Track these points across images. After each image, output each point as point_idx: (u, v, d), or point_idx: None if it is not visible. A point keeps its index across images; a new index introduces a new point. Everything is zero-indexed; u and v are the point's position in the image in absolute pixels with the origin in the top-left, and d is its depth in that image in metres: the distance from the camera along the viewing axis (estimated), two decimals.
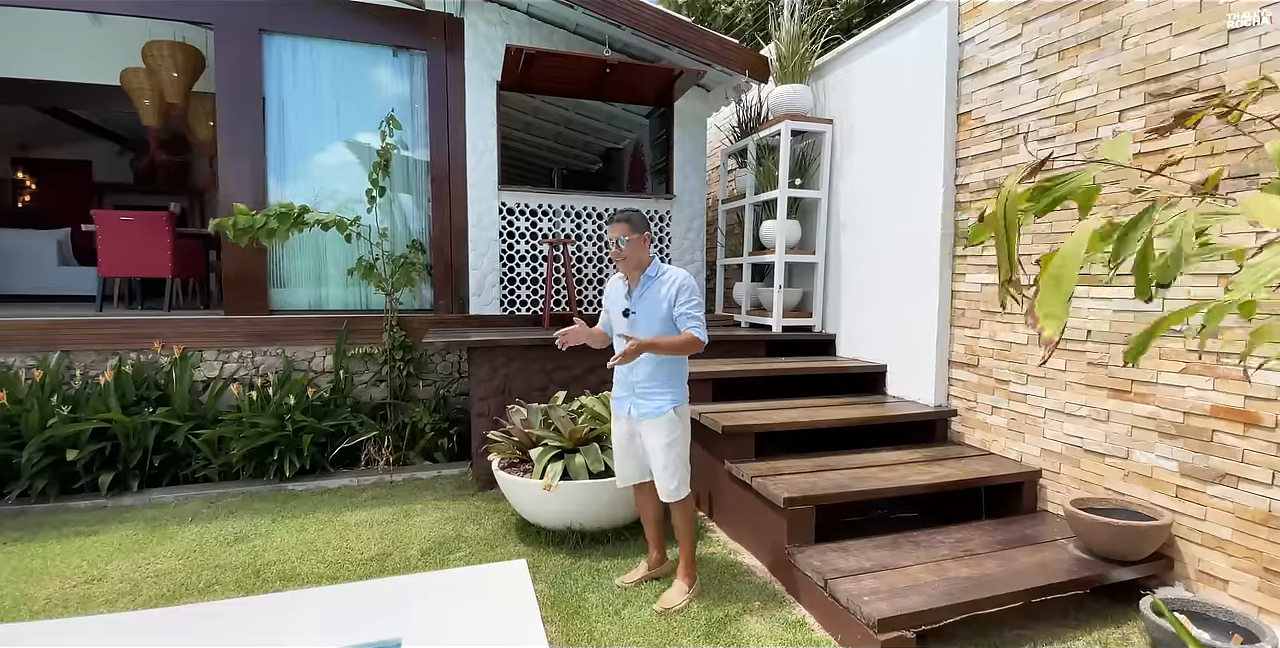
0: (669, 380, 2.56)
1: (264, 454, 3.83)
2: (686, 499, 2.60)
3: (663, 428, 2.54)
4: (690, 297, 2.50)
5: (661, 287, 2.53)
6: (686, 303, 2.49)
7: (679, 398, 2.58)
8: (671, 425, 2.54)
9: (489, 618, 2.32)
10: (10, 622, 2.34)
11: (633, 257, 2.56)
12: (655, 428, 2.54)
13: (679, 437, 2.56)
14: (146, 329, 4.13)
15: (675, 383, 2.58)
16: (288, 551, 2.92)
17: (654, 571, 2.76)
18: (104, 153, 9.93)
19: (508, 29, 4.72)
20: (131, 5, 4.26)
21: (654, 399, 2.54)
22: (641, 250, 2.57)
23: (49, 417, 3.59)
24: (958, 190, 3.62)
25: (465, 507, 3.53)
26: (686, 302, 2.49)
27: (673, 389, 2.56)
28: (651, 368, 2.54)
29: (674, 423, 2.55)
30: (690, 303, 2.50)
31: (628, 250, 2.55)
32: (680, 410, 2.57)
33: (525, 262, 4.88)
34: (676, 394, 2.57)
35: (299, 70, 4.60)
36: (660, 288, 2.53)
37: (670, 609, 2.46)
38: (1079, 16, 2.94)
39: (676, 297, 2.50)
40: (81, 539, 3.07)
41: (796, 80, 4.61)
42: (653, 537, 2.79)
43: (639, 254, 2.57)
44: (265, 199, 4.50)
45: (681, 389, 2.60)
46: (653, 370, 2.54)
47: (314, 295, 4.69)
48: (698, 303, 2.51)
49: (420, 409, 4.39)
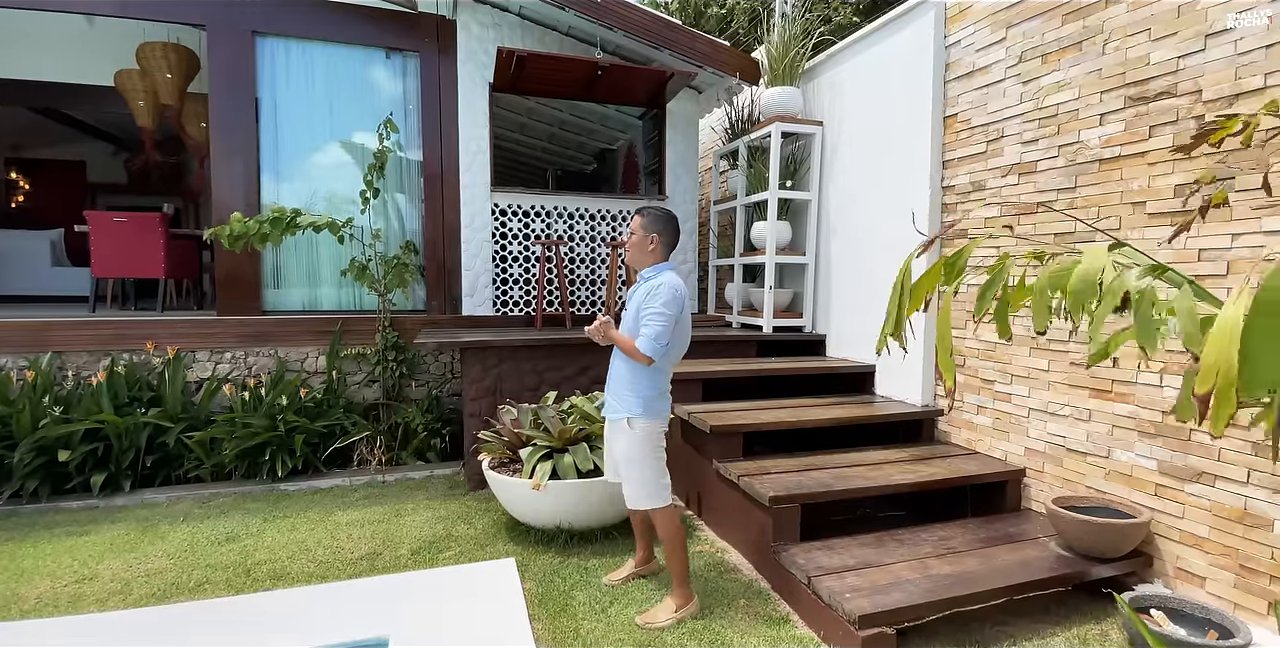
0: (629, 389, 2.46)
1: (256, 455, 3.85)
2: (663, 513, 2.47)
3: (620, 435, 2.50)
4: (655, 304, 2.38)
5: (643, 290, 2.48)
6: (649, 310, 2.39)
7: (637, 411, 2.44)
8: (627, 437, 2.46)
9: (476, 616, 2.35)
10: (1, 621, 2.35)
11: (632, 251, 2.53)
12: (615, 432, 2.53)
13: (636, 452, 2.45)
14: (139, 330, 4.15)
15: (633, 395, 2.45)
16: (278, 550, 2.95)
17: (640, 569, 2.77)
18: (98, 153, 9.91)
19: (500, 31, 4.74)
20: (125, 7, 4.27)
21: (615, 402, 2.52)
22: (643, 250, 2.52)
23: (41, 418, 3.61)
24: (944, 192, 3.66)
25: (457, 506, 3.55)
26: (649, 309, 2.39)
27: (628, 401, 2.46)
28: (618, 370, 2.53)
29: (629, 434, 2.45)
30: (652, 311, 2.38)
31: (629, 243, 2.53)
32: (636, 423, 2.44)
33: (518, 263, 4.91)
34: (634, 407, 2.44)
35: (292, 71, 4.61)
36: (643, 291, 2.48)
37: (650, 625, 2.36)
38: (1061, 21, 2.98)
39: (645, 302, 2.42)
40: (73, 539, 3.08)
41: (787, 82, 4.65)
42: (638, 536, 2.78)
43: (639, 252, 2.52)
44: (259, 200, 4.52)
45: (641, 403, 2.44)
46: (619, 373, 2.52)
47: (307, 296, 4.71)
48: (659, 313, 2.37)
49: (413, 409, 4.41)
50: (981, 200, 3.42)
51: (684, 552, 2.49)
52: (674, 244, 2.60)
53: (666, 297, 2.39)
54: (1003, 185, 3.30)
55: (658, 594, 2.59)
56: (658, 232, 2.52)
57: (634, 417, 2.45)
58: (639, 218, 2.55)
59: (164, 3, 4.31)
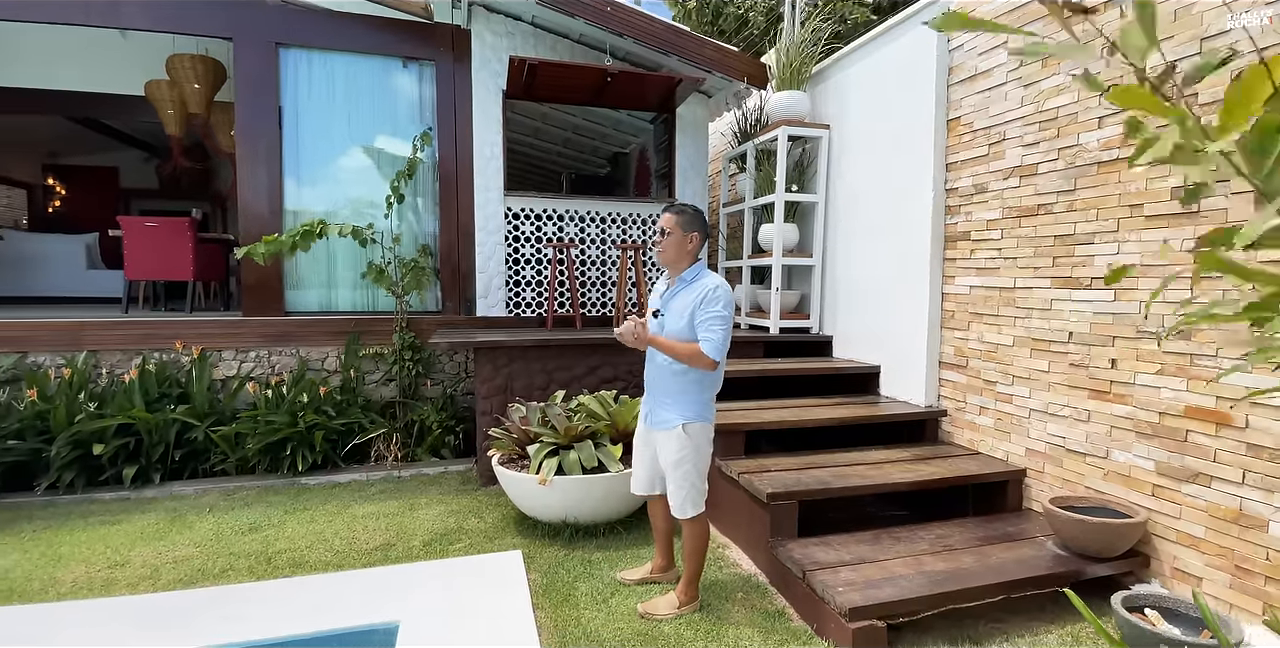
0: (680, 395, 2.44)
1: (278, 450, 4.01)
2: (697, 519, 2.48)
3: (672, 443, 2.44)
4: (715, 308, 2.32)
5: (691, 293, 2.40)
6: (710, 314, 2.32)
7: (691, 415, 2.42)
8: (680, 442, 2.42)
9: (483, 604, 2.45)
10: (39, 603, 2.51)
11: (669, 251, 2.45)
12: (666, 441, 2.47)
13: (688, 455, 2.43)
14: (169, 330, 4.34)
15: (687, 400, 2.43)
16: (298, 540, 3.09)
17: (655, 576, 2.75)
18: (131, 160, 10.27)
19: (513, 40, 4.87)
20: (158, 20, 4.48)
21: (665, 411, 2.46)
22: (681, 250, 2.45)
23: (76, 413, 3.80)
24: (947, 195, 3.69)
25: (468, 501, 3.67)
26: (710, 313, 2.32)
27: (683, 405, 2.43)
28: (666, 379, 2.46)
29: (682, 440, 2.42)
30: (714, 315, 2.32)
31: (665, 243, 2.45)
32: (690, 428, 2.42)
33: (530, 265, 5.03)
34: (688, 411, 2.43)
35: (314, 80, 4.79)
36: (689, 294, 2.39)
37: (650, 616, 2.43)
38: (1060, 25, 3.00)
39: (700, 305, 2.34)
40: (106, 528, 3.26)
41: (794, 87, 4.70)
42: (659, 546, 2.75)
43: (677, 252, 2.45)
44: (282, 204, 4.69)
45: (695, 408, 2.43)
46: (667, 382, 2.46)
47: (326, 298, 4.88)
48: (721, 317, 2.31)
49: (428, 408, 4.54)
50: (984, 202, 3.45)
51: (703, 558, 2.54)
52: (706, 241, 2.56)
53: (726, 300, 2.34)
54: (1005, 188, 3.32)
55: (660, 590, 2.67)
56: (696, 230, 2.47)
57: (689, 422, 2.42)
58: (674, 216, 2.46)
59: (194, 16, 4.51)
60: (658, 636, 2.32)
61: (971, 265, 3.54)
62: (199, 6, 4.53)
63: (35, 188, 10.10)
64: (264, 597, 2.48)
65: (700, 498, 2.49)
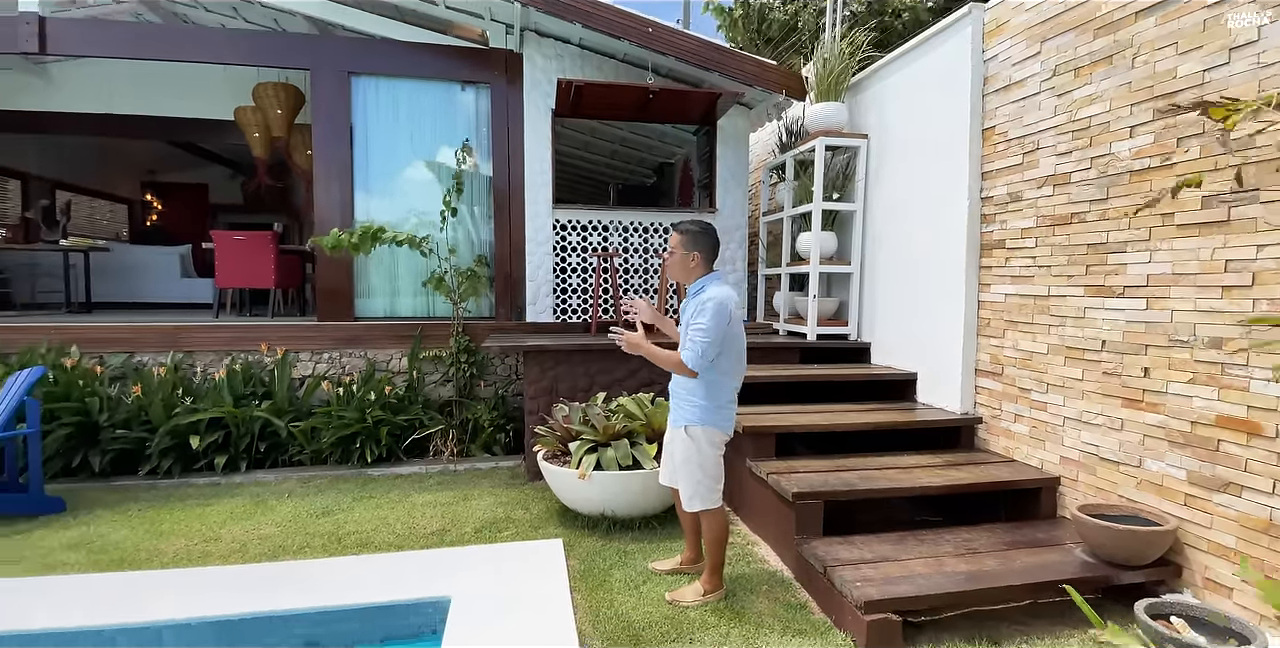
0: (687, 398, 2.60)
1: (348, 443, 4.40)
2: (712, 514, 2.63)
3: (678, 442, 2.63)
4: (701, 320, 2.46)
5: (692, 304, 2.57)
6: (695, 325, 2.48)
7: (693, 419, 2.57)
8: (684, 443, 2.60)
9: (526, 586, 2.68)
10: (146, 570, 2.91)
11: (674, 269, 2.67)
12: (674, 438, 2.67)
13: (692, 456, 2.59)
14: (254, 334, 4.82)
15: (691, 404, 2.58)
16: (364, 523, 3.42)
17: (685, 567, 2.92)
18: (218, 177, 11.22)
19: (562, 61, 5.16)
20: (248, 56, 5.01)
21: (675, 412, 2.67)
22: (684, 267, 2.64)
23: (174, 407, 4.29)
24: (983, 203, 3.73)
25: (516, 494, 3.94)
26: (695, 324, 2.48)
27: (687, 409, 2.59)
28: (677, 381, 2.65)
29: (685, 441, 2.59)
30: (697, 327, 2.46)
31: (670, 262, 2.67)
32: (693, 431, 2.58)
33: (576, 274, 5.29)
34: (690, 415, 2.58)
35: (381, 104, 5.21)
36: (692, 306, 2.56)
37: (677, 602, 2.61)
38: (1093, 35, 3.03)
39: (692, 316, 2.52)
40: (200, 508, 3.68)
41: (832, 98, 4.80)
42: (687, 538, 2.93)
43: (681, 270, 2.66)
44: (352, 215, 5.13)
45: (698, 412, 2.57)
46: (678, 384, 2.66)
47: (391, 305, 5.28)
48: (702, 328, 2.44)
49: (481, 407, 4.86)
50: (1018, 211, 3.48)
51: (723, 549, 2.70)
52: (714, 256, 2.70)
53: (712, 311, 2.45)
54: (1038, 197, 3.35)
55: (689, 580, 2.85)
56: (699, 250, 2.62)
57: (691, 425, 2.59)
58: (677, 236, 2.64)
59: (279, 50, 5.02)
60: (683, 620, 2.50)
61: (1007, 274, 3.57)
62: (283, 42, 5.03)
63: (135, 203, 11.16)
64: (335, 571, 2.79)
65: (709, 494, 2.63)
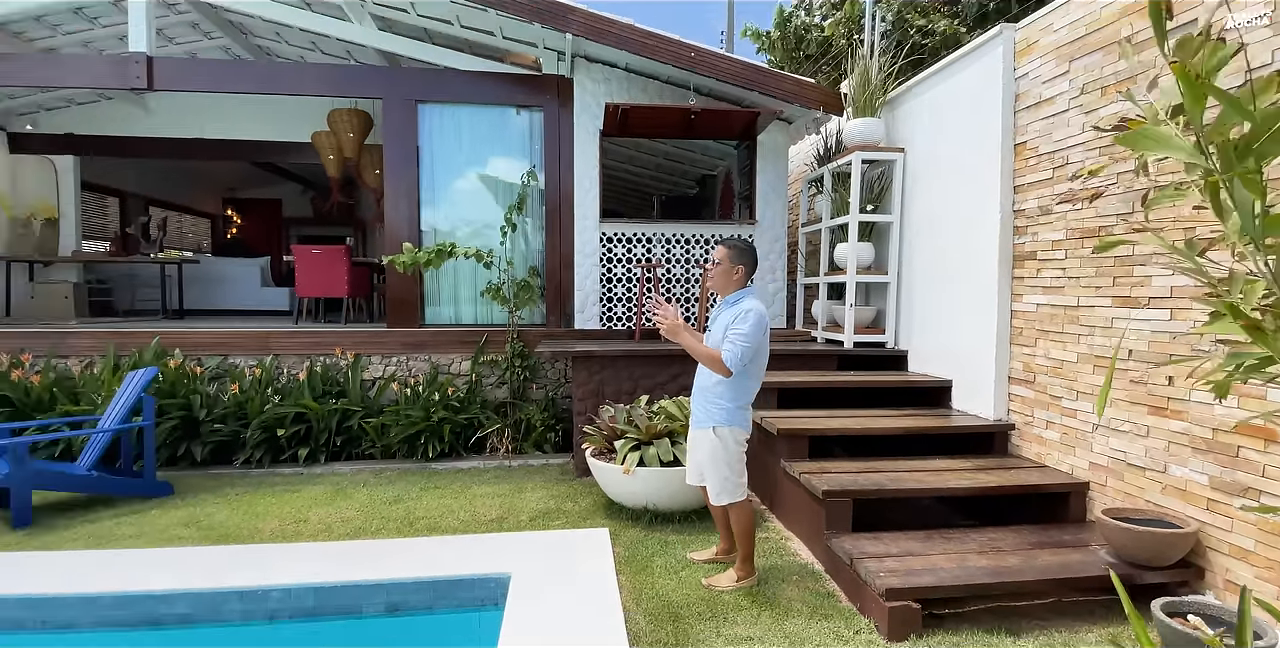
0: (713, 400, 2.84)
1: (415, 439, 4.82)
2: (738, 506, 2.87)
3: (704, 442, 2.88)
4: (744, 328, 2.69)
5: (731, 313, 2.79)
6: (737, 331, 2.71)
7: (720, 420, 2.82)
8: (710, 442, 2.84)
9: (576, 568, 2.98)
10: (248, 544, 3.34)
11: (719, 279, 2.88)
12: (700, 439, 2.92)
13: (719, 454, 2.83)
14: (330, 339, 5.31)
15: (718, 407, 2.82)
16: (431, 510, 3.79)
17: (720, 557, 3.17)
18: (291, 193, 12.08)
19: (609, 85, 5.50)
20: (332, 86, 5.56)
21: (701, 411, 2.92)
22: (728, 278, 2.87)
23: (265, 403, 4.79)
24: (1015, 216, 3.85)
25: (565, 489, 4.25)
26: (737, 330, 2.71)
27: (714, 411, 2.84)
28: (705, 388, 2.90)
29: (712, 440, 2.84)
30: (739, 333, 2.69)
31: (716, 272, 2.88)
32: (720, 431, 2.82)
33: (621, 283, 5.61)
34: (718, 416, 2.82)
35: (444, 128, 5.67)
36: (731, 314, 2.79)
37: (713, 587, 2.85)
38: (1118, 55, 3.15)
39: (733, 322, 2.75)
40: (289, 494, 4.13)
41: (868, 114, 4.97)
42: (720, 529, 3.16)
43: (725, 280, 2.87)
44: (419, 228, 5.58)
45: (724, 414, 2.81)
46: (704, 387, 2.91)
47: (452, 312, 5.71)
48: (744, 334, 2.68)
49: (534, 408, 5.21)
50: (1049, 224, 3.60)
51: (753, 538, 2.95)
52: (754, 271, 2.97)
53: (754, 321, 2.71)
54: (1068, 210, 3.46)
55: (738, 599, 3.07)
56: (743, 264, 2.87)
57: (719, 426, 2.84)
58: (726, 250, 2.87)
59: (354, 82, 5.54)
60: (718, 602, 2.74)
61: (1038, 284, 3.68)
62: (358, 74, 5.55)
63: (217, 218, 12.13)
64: (411, 549, 3.15)
65: (735, 489, 2.88)
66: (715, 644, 2.41)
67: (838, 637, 2.48)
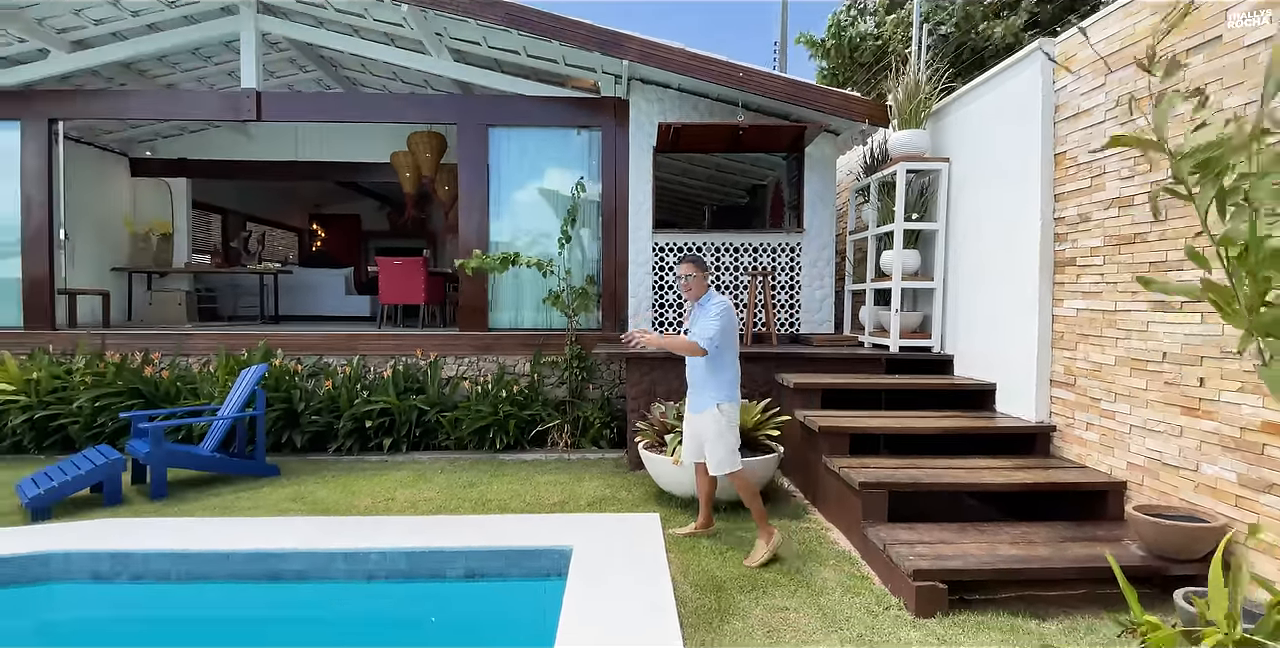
0: (709, 381, 3.34)
1: (484, 432, 5.29)
2: (739, 473, 3.35)
3: (708, 420, 3.33)
4: (707, 315, 3.28)
5: (702, 310, 3.37)
6: (704, 317, 3.30)
7: (722, 397, 3.32)
8: (715, 419, 3.31)
9: (630, 546, 3.31)
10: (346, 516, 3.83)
11: (696, 289, 3.44)
12: (703, 419, 3.36)
13: (724, 430, 3.31)
14: (410, 342, 5.87)
15: (715, 385, 3.33)
16: (501, 494, 4.22)
17: (699, 530, 3.58)
18: (368, 208, 13.03)
19: (662, 104, 5.88)
20: (411, 115, 6.17)
21: (700, 396, 3.39)
22: (701, 286, 3.44)
23: (354, 398, 5.37)
24: (1055, 223, 3.97)
25: (619, 480, 4.60)
26: (704, 317, 3.30)
27: (714, 389, 3.32)
28: (698, 373, 3.40)
29: (717, 417, 3.31)
30: (707, 318, 3.27)
31: (692, 284, 3.43)
32: (724, 407, 3.31)
33: (671, 290, 5.94)
34: (718, 394, 3.32)
35: (511, 148, 6.18)
36: (700, 310, 3.39)
37: (754, 564, 3.18)
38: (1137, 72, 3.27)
39: (702, 315, 3.33)
40: (377, 477, 4.65)
41: (913, 125, 5.14)
42: (704, 504, 3.58)
43: (699, 288, 3.44)
44: (488, 237, 6.09)
45: (722, 391, 3.32)
46: (700, 375, 3.38)
47: (516, 318, 6.19)
48: (714, 317, 3.26)
49: (590, 406, 5.60)
50: (1087, 231, 3.71)
51: (759, 498, 3.38)
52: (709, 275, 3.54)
53: (717, 311, 3.29)
54: (1105, 217, 3.58)
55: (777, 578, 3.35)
56: (704, 270, 3.45)
57: (721, 402, 3.33)
58: (691, 265, 3.42)
59: (435, 109, 6.16)
60: (759, 579, 3.02)
61: (1078, 289, 3.79)
62: (437, 103, 6.14)
63: (303, 232, 13.19)
64: (486, 524, 3.56)
65: (735, 458, 3.35)
66: (754, 612, 2.70)
67: (868, 611, 2.72)
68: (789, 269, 6.06)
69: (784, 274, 6.09)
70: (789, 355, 5.17)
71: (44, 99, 6.20)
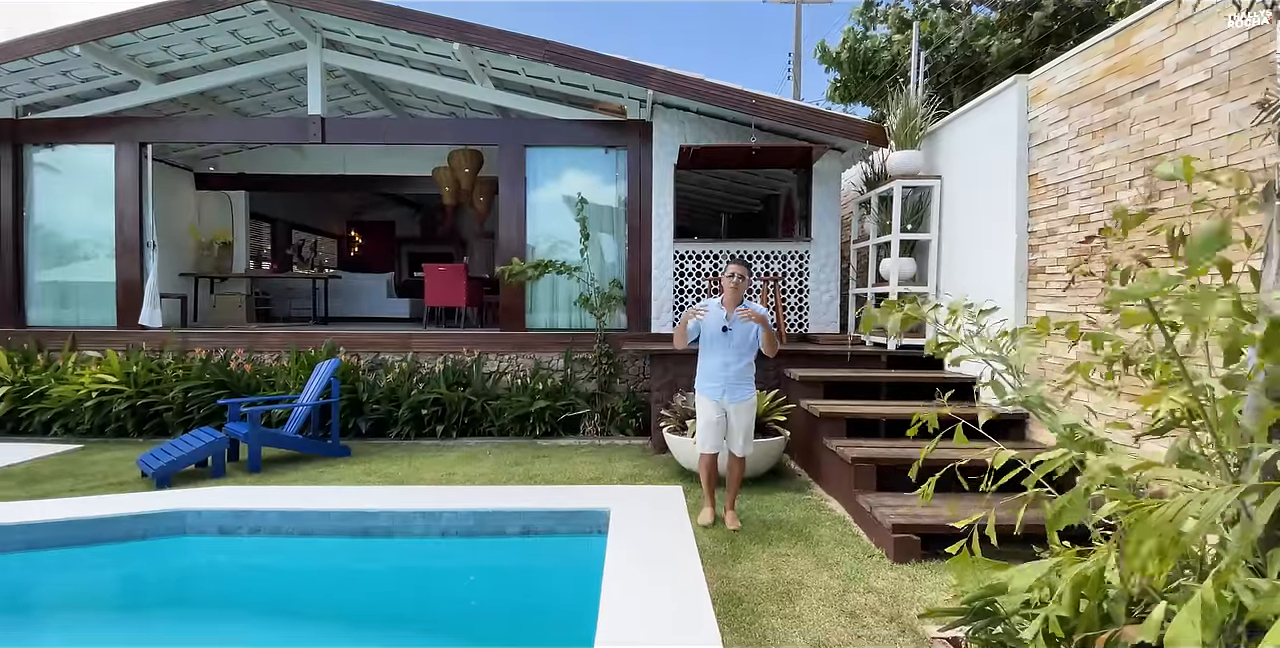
0: (746, 374, 3.90)
1: (523, 421, 5.96)
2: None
3: (750, 409, 3.91)
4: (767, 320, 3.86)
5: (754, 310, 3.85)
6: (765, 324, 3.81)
7: (755, 386, 4.00)
8: (752, 407, 3.93)
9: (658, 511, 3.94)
10: (415, 486, 4.51)
11: (740, 289, 3.84)
12: (746, 409, 3.90)
13: (755, 415, 4.00)
14: (456, 340, 6.57)
15: (751, 377, 3.95)
16: (544, 471, 4.89)
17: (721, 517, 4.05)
18: (403, 216, 13.83)
19: (682, 126, 6.52)
20: (456, 137, 6.88)
21: (744, 388, 3.89)
22: (745, 286, 3.89)
23: (411, 390, 6.07)
24: (1029, 236, 4.53)
25: (645, 461, 5.24)
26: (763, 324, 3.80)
27: (749, 383, 3.93)
28: (743, 367, 3.88)
29: (752, 405, 3.94)
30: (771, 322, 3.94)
31: (740, 285, 3.82)
32: (758, 394, 4.03)
33: (691, 293, 6.57)
34: (753, 385, 3.97)
35: (545, 166, 6.85)
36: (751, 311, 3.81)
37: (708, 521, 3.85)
38: (1104, 106, 3.84)
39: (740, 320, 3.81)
40: (435, 457, 5.34)
41: (909, 146, 5.72)
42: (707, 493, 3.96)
43: (744, 288, 3.87)
44: (525, 245, 6.75)
45: (754, 382, 3.98)
46: (743, 369, 3.88)
47: (551, 319, 6.86)
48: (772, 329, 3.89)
49: (617, 398, 6.25)
50: (1054, 243, 4.27)
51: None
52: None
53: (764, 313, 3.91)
54: (1069, 232, 4.14)
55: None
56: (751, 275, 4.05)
57: (756, 392, 3.98)
58: (743, 267, 3.85)
59: (478, 132, 6.88)
60: (767, 536, 3.63)
61: (1047, 294, 4.35)
62: (480, 126, 6.86)
63: (342, 238, 14.03)
64: (534, 493, 4.22)
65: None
66: (761, 556, 3.32)
67: (855, 558, 3.32)
68: (798, 274, 6.65)
69: (793, 279, 6.68)
70: (797, 352, 5.77)
71: (134, 125, 7.02)
